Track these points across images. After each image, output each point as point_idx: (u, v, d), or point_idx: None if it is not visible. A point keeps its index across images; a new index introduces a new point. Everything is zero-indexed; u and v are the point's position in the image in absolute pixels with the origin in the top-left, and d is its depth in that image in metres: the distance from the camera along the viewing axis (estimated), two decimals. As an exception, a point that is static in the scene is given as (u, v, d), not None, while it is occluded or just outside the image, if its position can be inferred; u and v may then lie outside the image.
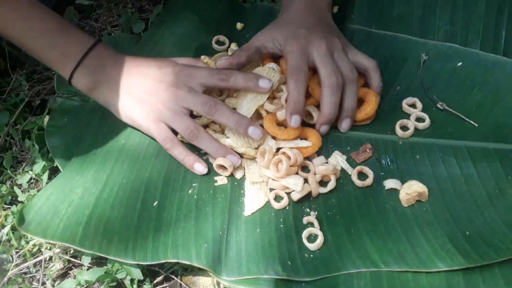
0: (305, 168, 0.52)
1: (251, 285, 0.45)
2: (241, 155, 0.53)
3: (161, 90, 0.53)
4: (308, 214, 0.49)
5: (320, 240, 0.46)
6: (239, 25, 0.67)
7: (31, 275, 0.53)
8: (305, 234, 0.47)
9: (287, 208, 0.49)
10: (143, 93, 0.53)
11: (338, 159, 0.52)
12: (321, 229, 0.47)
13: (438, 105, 0.55)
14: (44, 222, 0.50)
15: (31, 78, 0.74)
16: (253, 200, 0.50)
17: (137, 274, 0.49)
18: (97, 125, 0.58)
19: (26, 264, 0.53)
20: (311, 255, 0.46)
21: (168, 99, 0.52)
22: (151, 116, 0.53)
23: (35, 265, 0.53)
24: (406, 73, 0.59)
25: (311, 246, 0.46)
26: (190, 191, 0.52)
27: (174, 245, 0.48)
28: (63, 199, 0.52)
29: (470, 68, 0.58)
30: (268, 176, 0.51)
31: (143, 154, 0.55)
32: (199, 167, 0.52)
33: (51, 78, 0.73)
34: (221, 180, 0.52)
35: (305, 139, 0.52)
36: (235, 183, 0.52)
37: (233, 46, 0.63)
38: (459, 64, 0.58)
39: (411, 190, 0.48)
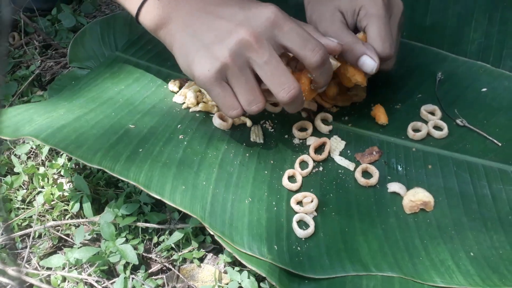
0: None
1: (252, 264, 0.40)
2: None
3: (234, 36, 0.40)
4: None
5: (311, 229, 0.42)
6: None
7: (17, 251, 0.48)
8: (296, 218, 0.43)
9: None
10: (212, 38, 0.41)
11: (335, 157, 0.49)
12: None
13: (458, 121, 0.51)
14: (13, 126, 0.47)
15: (45, 53, 0.73)
16: None
17: (132, 257, 0.45)
18: (100, 72, 0.56)
19: (12, 235, 0.48)
20: (299, 248, 0.42)
21: (238, 51, 0.40)
22: (213, 71, 0.41)
23: (22, 241, 0.49)
24: (431, 84, 0.55)
25: (300, 233, 0.42)
26: (181, 137, 0.49)
27: (150, 173, 0.44)
28: (42, 114, 0.48)
29: (498, 91, 0.54)
30: None
31: (140, 100, 0.52)
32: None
33: (64, 55, 0.72)
34: (221, 125, 0.50)
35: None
36: (231, 144, 0.49)
37: None
38: (484, 89, 0.54)
39: (415, 197, 0.44)
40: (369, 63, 0.46)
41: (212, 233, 0.42)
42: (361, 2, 0.47)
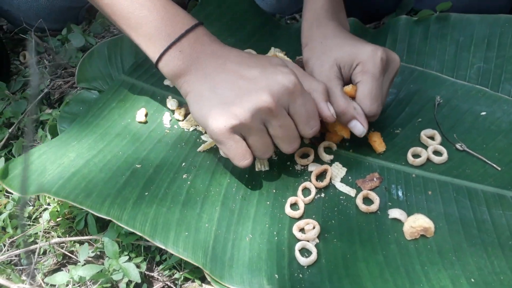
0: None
1: None
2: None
3: (256, 100, 0.41)
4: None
5: (314, 256, 0.42)
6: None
7: (21, 267, 0.49)
8: (298, 246, 0.43)
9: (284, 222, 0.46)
10: (232, 97, 0.42)
11: (336, 183, 0.49)
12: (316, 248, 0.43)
13: (457, 145, 0.51)
14: (29, 180, 0.48)
15: (55, 72, 0.74)
16: None
17: (135, 276, 0.45)
18: (107, 100, 0.57)
19: (17, 252, 0.48)
20: (300, 275, 0.42)
21: (258, 114, 0.42)
22: (229, 126, 0.42)
23: (27, 257, 0.49)
24: (430, 109, 0.56)
25: (303, 261, 0.42)
26: (184, 176, 0.49)
27: (155, 221, 0.45)
28: (54, 161, 0.50)
29: (497, 115, 0.54)
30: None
31: (146, 135, 0.53)
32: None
33: (73, 74, 0.73)
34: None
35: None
36: (234, 177, 0.49)
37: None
38: (483, 113, 0.54)
39: (416, 223, 0.44)
40: (359, 128, 0.48)
41: (210, 280, 0.42)
42: (360, 59, 0.48)
